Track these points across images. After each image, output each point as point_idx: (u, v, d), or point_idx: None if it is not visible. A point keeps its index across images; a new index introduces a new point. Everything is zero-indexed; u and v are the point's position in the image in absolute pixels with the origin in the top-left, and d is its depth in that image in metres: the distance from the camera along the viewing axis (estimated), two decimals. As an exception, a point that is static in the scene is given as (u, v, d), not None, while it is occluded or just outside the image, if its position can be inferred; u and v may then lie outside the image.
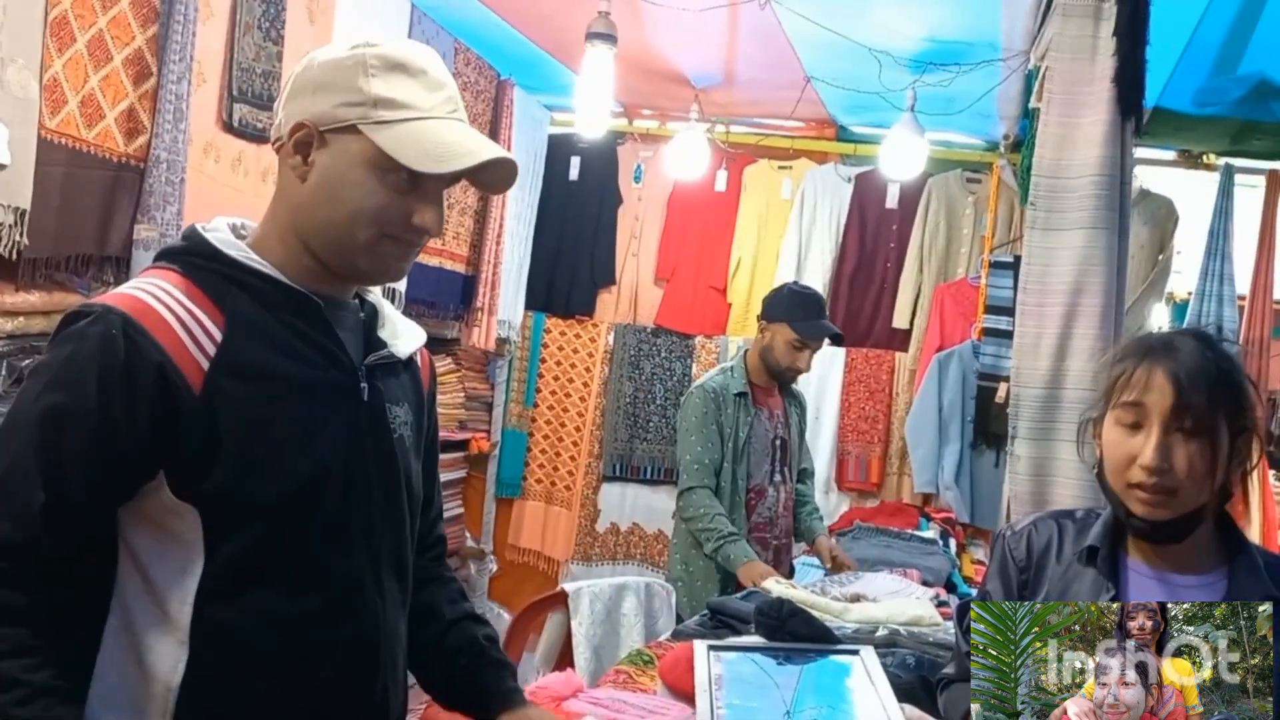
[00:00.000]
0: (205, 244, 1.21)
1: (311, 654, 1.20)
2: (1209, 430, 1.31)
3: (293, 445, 1.18)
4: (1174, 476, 1.31)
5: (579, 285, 5.40)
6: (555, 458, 5.42)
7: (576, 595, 2.86)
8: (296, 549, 1.18)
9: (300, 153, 1.20)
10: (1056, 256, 2.20)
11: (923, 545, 3.65)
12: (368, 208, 1.18)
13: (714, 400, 3.26)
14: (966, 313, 4.70)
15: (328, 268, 1.23)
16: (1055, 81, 2.27)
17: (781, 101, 4.63)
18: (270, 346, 1.18)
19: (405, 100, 1.18)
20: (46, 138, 2.39)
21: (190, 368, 1.12)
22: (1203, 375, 1.31)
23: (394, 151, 1.17)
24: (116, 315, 1.11)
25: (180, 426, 1.11)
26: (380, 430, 1.27)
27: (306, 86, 1.20)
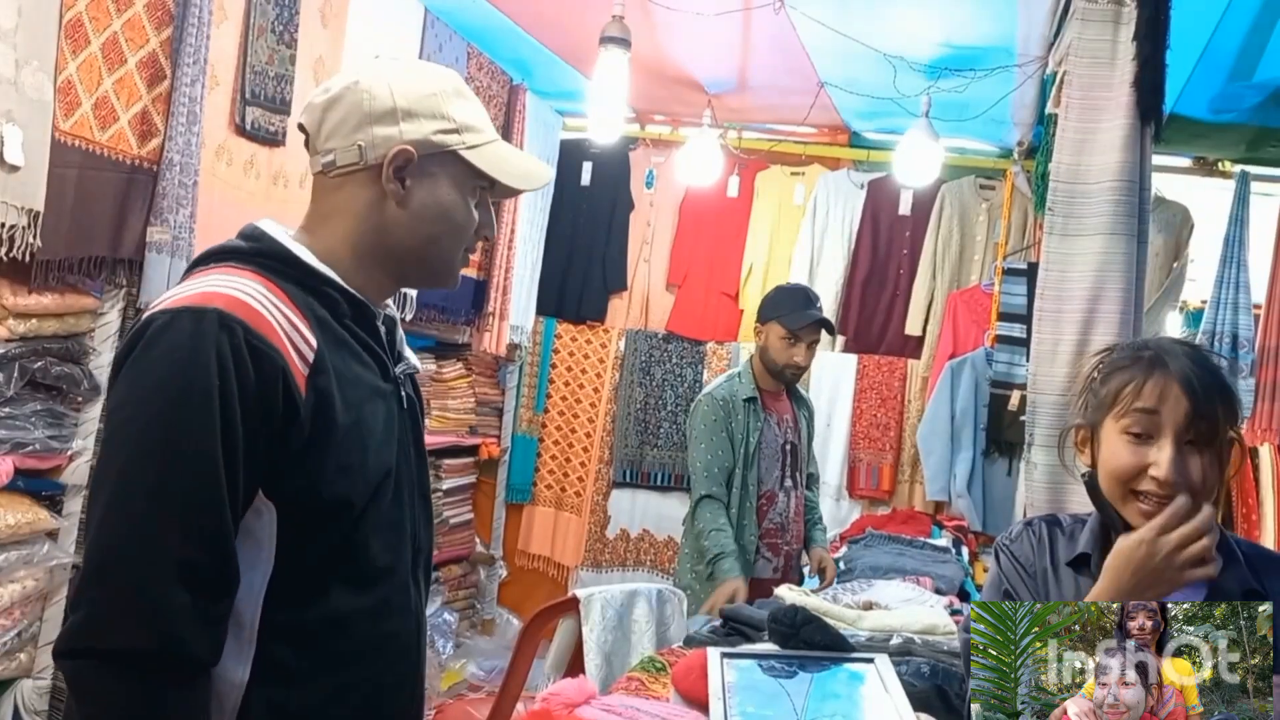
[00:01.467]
0: (281, 248, 1.24)
1: (369, 649, 1.23)
2: (1216, 441, 1.31)
3: (373, 447, 1.23)
4: (1184, 488, 1.30)
5: (590, 291, 5.39)
6: (565, 464, 5.41)
7: (588, 601, 2.84)
8: (361, 547, 1.22)
9: (399, 178, 1.25)
10: (1074, 262, 2.18)
11: (936, 553, 3.63)
12: (465, 225, 1.31)
13: (723, 407, 3.25)
14: (979, 320, 4.68)
15: (401, 279, 1.33)
16: (1074, 86, 2.25)
17: (795, 107, 4.62)
18: (345, 352, 1.23)
19: (479, 125, 1.30)
20: (60, 140, 2.40)
21: (298, 373, 1.15)
22: (1214, 388, 1.32)
23: (494, 172, 1.29)
24: (238, 324, 1.10)
25: (291, 431, 1.14)
26: (417, 434, 1.36)
27: (389, 114, 1.25)
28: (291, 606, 1.17)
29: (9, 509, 2.41)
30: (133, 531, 1.05)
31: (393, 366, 1.31)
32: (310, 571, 1.18)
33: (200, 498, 1.06)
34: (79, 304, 2.60)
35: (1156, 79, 2.18)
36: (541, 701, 1.82)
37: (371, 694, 1.24)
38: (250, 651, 1.15)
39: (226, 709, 1.15)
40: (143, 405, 1.09)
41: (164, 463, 1.06)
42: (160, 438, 1.07)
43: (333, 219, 1.28)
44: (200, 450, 1.06)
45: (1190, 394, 1.31)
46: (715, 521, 3.17)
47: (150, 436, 1.07)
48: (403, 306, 4.06)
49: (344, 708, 1.22)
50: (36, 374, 2.50)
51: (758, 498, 3.27)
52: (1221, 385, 1.34)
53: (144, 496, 1.06)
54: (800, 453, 3.43)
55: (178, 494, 1.06)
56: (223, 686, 1.15)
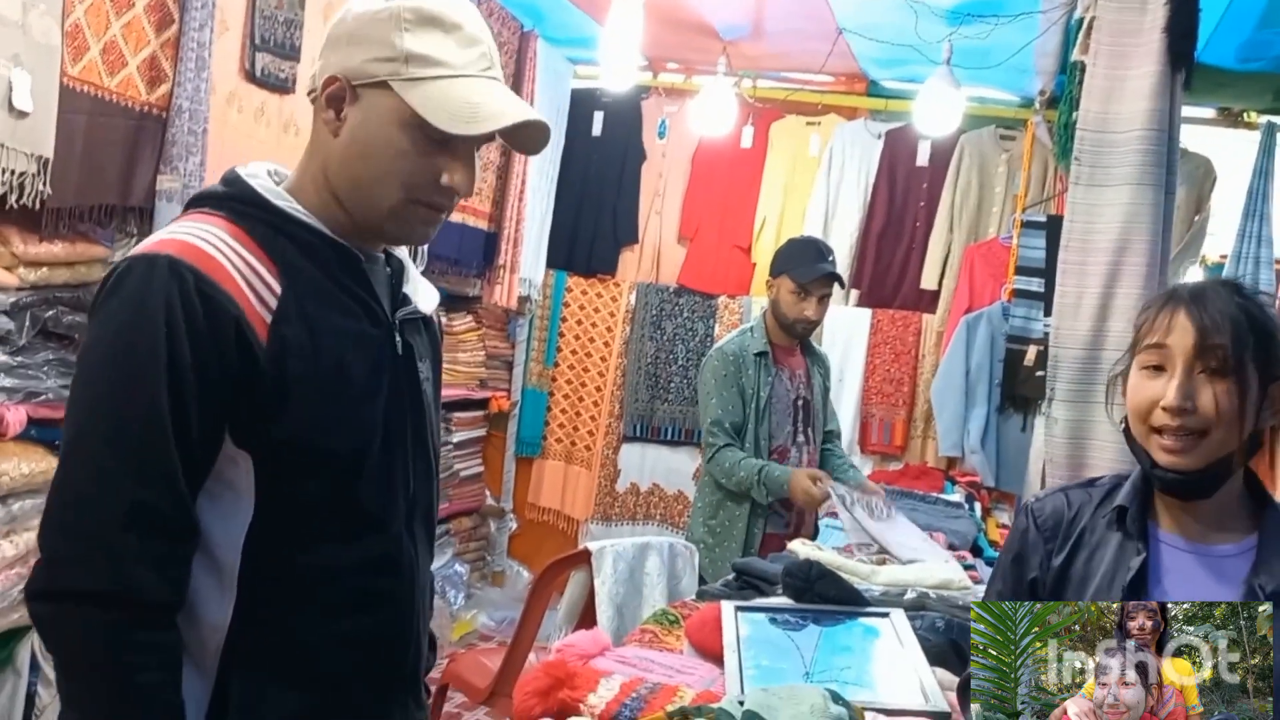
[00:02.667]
0: (251, 192, 1.19)
1: (356, 602, 1.21)
2: (1236, 371, 1.27)
3: (353, 396, 1.19)
4: (1199, 418, 1.27)
5: (601, 243, 5.35)
6: (575, 417, 5.41)
7: (600, 554, 2.85)
8: (344, 498, 1.19)
9: (333, 107, 1.19)
10: (1100, 213, 2.14)
11: (948, 508, 3.62)
12: (397, 169, 1.18)
13: (733, 362, 3.23)
14: (997, 274, 4.63)
15: (361, 225, 1.23)
16: (1102, 32, 2.20)
17: (811, 54, 4.53)
18: (320, 299, 1.18)
19: (438, 57, 1.17)
20: (69, 85, 2.36)
21: (256, 320, 1.12)
22: (1226, 316, 1.29)
23: (422, 110, 1.15)
24: (188, 270, 1.09)
25: (252, 378, 1.11)
26: (413, 383, 1.29)
27: (341, 39, 1.19)
28: (277, 554, 1.16)
29: (23, 458, 2.41)
30: (87, 477, 1.07)
31: (386, 312, 1.25)
32: (294, 521, 1.17)
33: (150, 443, 1.07)
34: (89, 253, 2.58)
35: (1189, 24, 2.13)
36: (556, 652, 1.82)
37: (361, 646, 1.23)
38: (231, 596, 1.15)
39: (209, 649, 1.15)
40: (98, 354, 1.11)
41: (115, 410, 1.08)
42: (111, 386, 1.08)
43: (306, 156, 1.25)
44: (149, 397, 1.07)
45: (1196, 322, 1.28)
46: (737, 456, 3.16)
47: (103, 385, 1.09)
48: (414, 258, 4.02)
49: (331, 658, 1.20)
50: (48, 323, 2.49)
51: (769, 453, 3.26)
52: (1246, 318, 1.29)
53: (98, 442, 1.07)
54: (813, 408, 3.40)
55: (129, 440, 1.07)
56: (204, 629, 1.15)
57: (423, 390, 1.31)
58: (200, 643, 1.15)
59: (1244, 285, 1.35)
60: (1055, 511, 1.42)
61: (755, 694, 1.49)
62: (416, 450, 1.29)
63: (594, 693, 1.61)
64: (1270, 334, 1.31)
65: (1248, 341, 1.28)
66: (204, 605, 1.14)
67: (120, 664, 1.06)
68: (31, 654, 2.57)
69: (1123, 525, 1.35)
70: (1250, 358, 1.27)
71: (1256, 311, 1.31)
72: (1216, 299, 1.30)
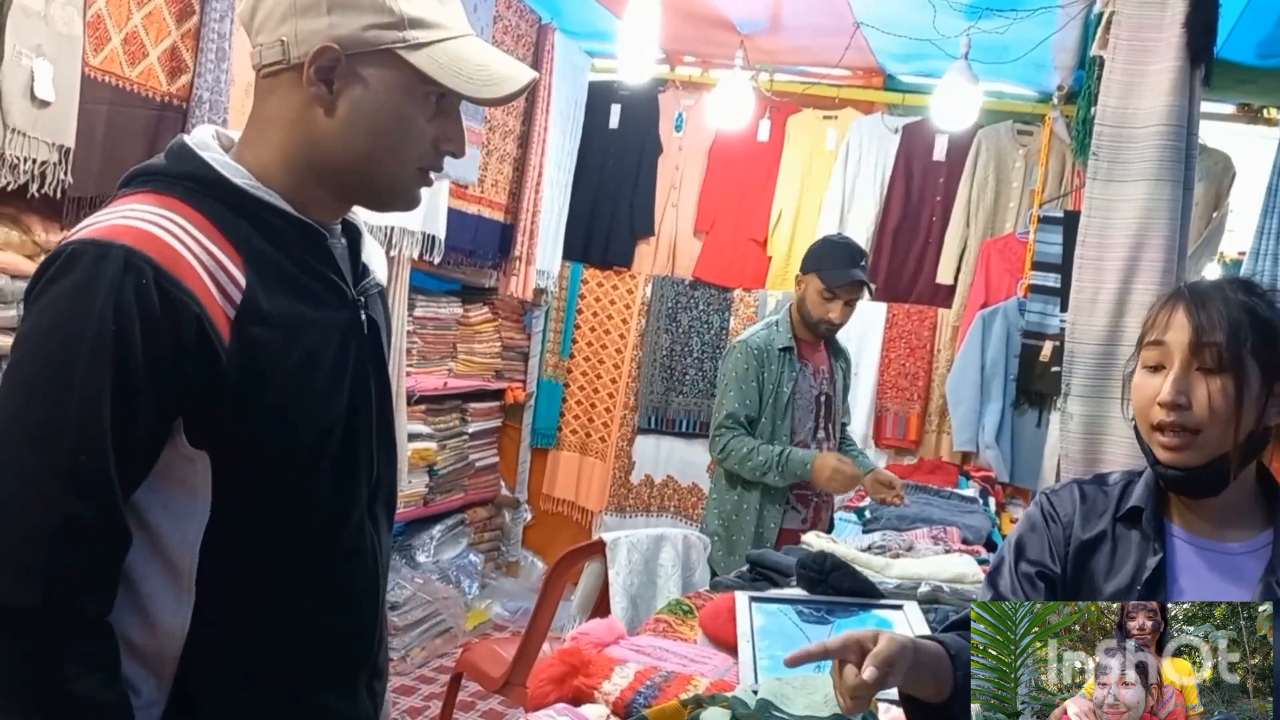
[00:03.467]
0: (206, 168, 1.09)
1: (320, 597, 1.16)
2: (1233, 368, 1.26)
3: (319, 391, 1.12)
4: (1194, 415, 1.27)
5: (617, 236, 5.36)
6: (590, 409, 5.42)
7: (614, 545, 2.86)
8: (305, 493, 1.13)
9: (324, 79, 1.08)
10: (1118, 209, 2.13)
11: (963, 503, 3.62)
12: (408, 139, 1.12)
13: (756, 357, 3.22)
14: (1013, 269, 4.62)
15: (345, 198, 1.17)
16: (1122, 26, 2.19)
17: (829, 49, 4.52)
18: (287, 288, 1.10)
19: (433, 19, 1.10)
20: (90, 75, 2.38)
21: (219, 317, 1.03)
22: (1224, 314, 1.28)
23: (438, 76, 1.09)
24: (146, 263, 0.99)
25: (212, 378, 1.03)
26: (379, 365, 1.22)
27: (316, 4, 1.07)
28: (235, 555, 1.10)
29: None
30: (14, 482, 0.98)
31: (352, 289, 1.18)
32: (254, 520, 1.10)
33: (84, 447, 0.98)
34: (110, 242, 2.60)
35: (1209, 19, 2.12)
36: (571, 640, 1.83)
37: (325, 641, 1.18)
38: (189, 600, 1.09)
39: (168, 658, 1.09)
40: (35, 345, 1.01)
41: (49, 409, 0.98)
42: (47, 382, 0.99)
43: (267, 129, 1.12)
44: (87, 398, 0.98)
45: (1193, 320, 1.28)
46: (750, 441, 3.14)
47: (38, 380, 1.00)
48: (430, 249, 4.05)
49: (295, 655, 1.16)
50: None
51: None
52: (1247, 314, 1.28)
53: (27, 443, 0.99)
54: (835, 404, 3.39)
55: (61, 443, 0.98)
56: (162, 638, 1.09)
57: (386, 369, 1.25)
58: (158, 650, 1.09)
59: (1256, 283, 1.34)
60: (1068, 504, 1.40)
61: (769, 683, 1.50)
62: (381, 431, 1.23)
63: (609, 680, 1.62)
64: (1276, 331, 1.29)
65: (1245, 339, 1.27)
66: (161, 612, 1.08)
67: (53, 678, 0.98)
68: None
69: (1138, 525, 1.35)
70: (1250, 355, 1.26)
71: (1263, 309, 1.30)
72: (1217, 296, 1.30)
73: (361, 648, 1.23)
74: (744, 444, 3.15)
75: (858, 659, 1.12)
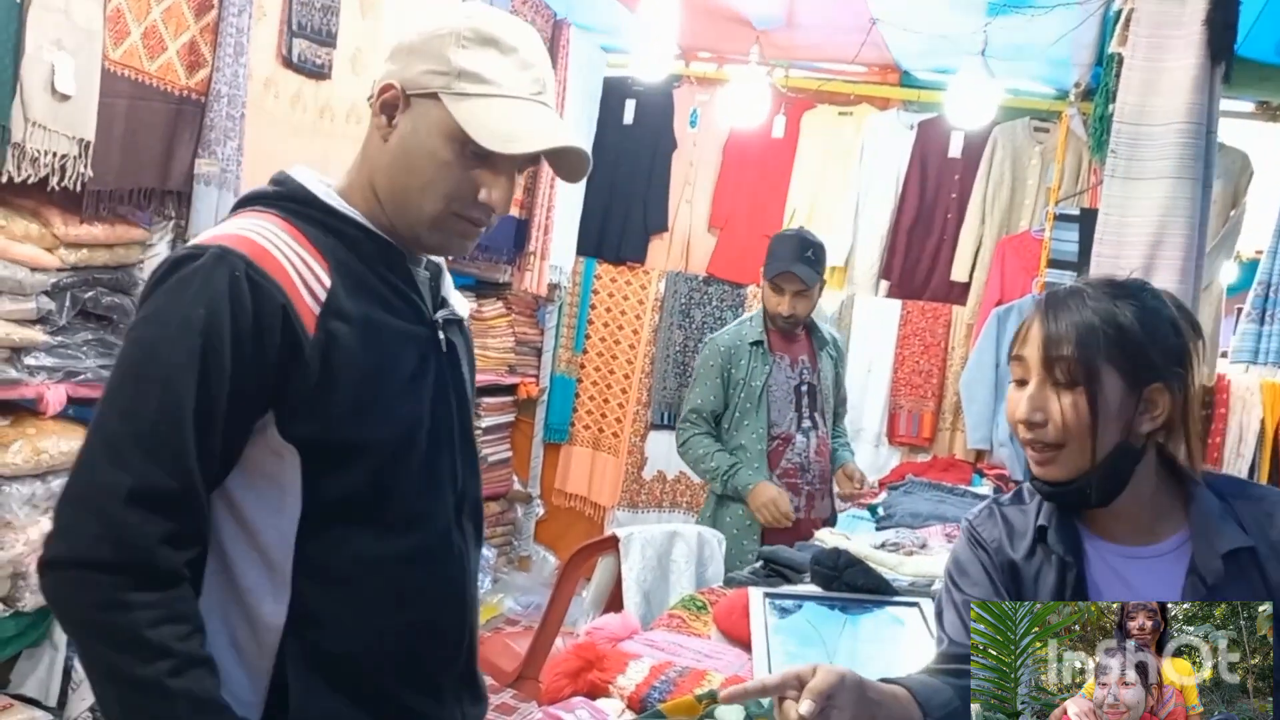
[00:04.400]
0: (302, 190, 1.22)
1: (409, 594, 1.22)
2: (1088, 381, 1.22)
3: (397, 390, 1.20)
4: (1051, 430, 1.24)
5: (631, 232, 5.36)
6: (603, 404, 5.43)
7: (628, 541, 2.86)
8: (392, 492, 1.20)
9: (385, 113, 1.22)
10: (1136, 206, 2.12)
11: (976, 501, 3.60)
12: (439, 179, 1.21)
13: (723, 353, 3.27)
14: (1028, 267, 4.60)
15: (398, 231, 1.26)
16: (1141, 24, 2.18)
17: (844, 45, 4.51)
18: (367, 295, 1.20)
19: (489, 76, 1.20)
20: (110, 69, 2.40)
21: (305, 311, 1.13)
22: (1075, 324, 1.23)
23: (465, 124, 1.18)
24: (238, 258, 1.11)
25: (298, 368, 1.13)
26: (457, 380, 1.31)
27: (403, 50, 1.23)
28: (323, 550, 1.17)
29: (62, 436, 2.45)
30: (101, 450, 1.08)
31: (430, 311, 1.28)
32: (338, 515, 1.17)
33: (166, 418, 1.07)
34: (128, 235, 2.62)
35: (1229, 16, 2.11)
36: (586, 635, 1.84)
37: (412, 641, 1.23)
38: (286, 594, 1.16)
39: (265, 650, 1.16)
40: (133, 337, 1.12)
41: (137, 386, 1.09)
42: (138, 363, 1.10)
43: (359, 158, 1.28)
44: (171, 375, 1.08)
45: (1043, 333, 1.25)
46: (710, 445, 3.23)
47: (132, 363, 1.11)
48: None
49: (382, 653, 1.21)
50: (87, 304, 2.53)
51: (770, 440, 3.26)
52: (1104, 323, 1.23)
53: (116, 417, 1.08)
54: (820, 393, 3.38)
55: (144, 415, 1.07)
56: (260, 629, 1.16)
57: (466, 390, 1.34)
58: (257, 643, 1.16)
59: (1129, 283, 1.29)
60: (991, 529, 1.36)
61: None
62: (464, 445, 1.31)
63: (623, 675, 1.63)
64: (1138, 338, 1.23)
65: (1098, 349, 1.22)
66: (260, 605, 1.16)
67: (129, 623, 1.05)
68: (69, 628, 2.62)
69: (1045, 541, 1.31)
70: (1106, 364, 1.22)
71: (1125, 314, 1.24)
72: (1074, 305, 1.25)
73: (447, 652, 1.28)
74: (703, 445, 3.23)
75: (797, 693, 1.09)
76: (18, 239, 2.30)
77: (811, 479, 3.31)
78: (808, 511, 3.27)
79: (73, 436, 2.49)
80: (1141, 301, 1.26)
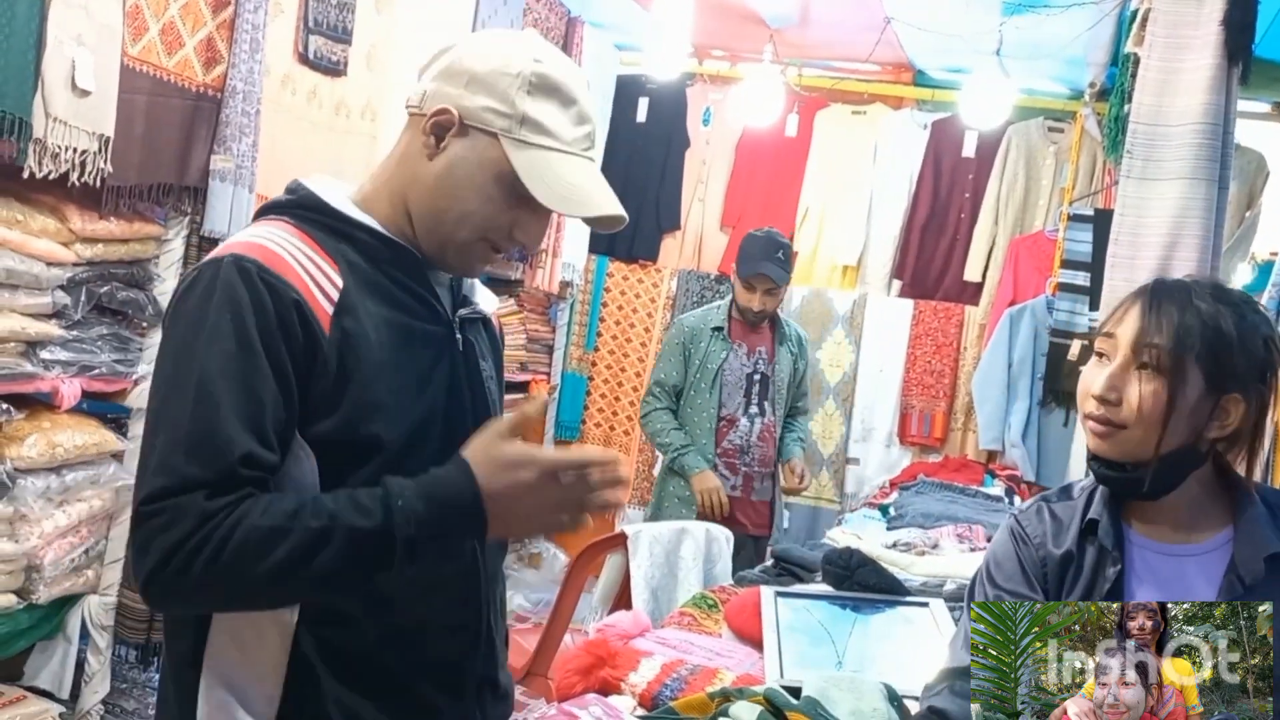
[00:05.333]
0: (312, 197, 1.24)
1: (420, 593, 1.22)
2: (1172, 374, 1.24)
3: (408, 389, 1.21)
4: (1122, 411, 1.25)
5: (643, 230, 5.35)
6: (614, 402, 5.43)
7: (636, 538, 2.87)
8: None
9: (435, 134, 1.22)
10: (1151, 207, 2.12)
11: (988, 501, 3.60)
12: (480, 213, 1.22)
13: (688, 333, 3.62)
14: (1042, 267, 4.59)
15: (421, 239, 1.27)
16: (1158, 24, 2.17)
17: (858, 43, 4.50)
18: (379, 296, 1.21)
19: (550, 127, 1.22)
20: (128, 65, 2.41)
21: (319, 310, 1.15)
22: (1176, 319, 1.25)
23: (524, 176, 1.20)
24: (251, 263, 1.13)
25: (316, 366, 1.14)
26: (474, 379, 1.31)
27: (462, 75, 1.22)
28: None
29: (76, 430, 2.47)
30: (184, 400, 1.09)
31: (447, 310, 1.29)
32: None
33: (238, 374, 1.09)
34: (145, 230, 2.63)
35: (1247, 16, 2.10)
36: (597, 632, 1.84)
37: (426, 638, 1.23)
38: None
39: (280, 647, 1.17)
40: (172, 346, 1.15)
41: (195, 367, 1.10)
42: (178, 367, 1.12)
43: (390, 160, 1.29)
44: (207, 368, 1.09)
45: (1142, 318, 1.26)
46: (670, 423, 3.59)
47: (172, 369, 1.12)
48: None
49: (395, 650, 1.21)
50: (103, 298, 2.54)
51: (718, 419, 3.58)
52: (1203, 325, 1.24)
53: (192, 385, 1.09)
54: (774, 383, 3.65)
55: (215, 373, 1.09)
56: (272, 627, 1.16)
57: (486, 387, 1.34)
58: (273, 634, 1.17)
59: (1237, 293, 1.31)
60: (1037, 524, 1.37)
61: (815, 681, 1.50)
62: None
63: (635, 672, 1.63)
64: (1230, 344, 1.25)
65: (1192, 346, 1.24)
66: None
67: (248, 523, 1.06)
68: (82, 621, 2.64)
69: (1094, 535, 1.32)
70: (1194, 363, 1.24)
71: (1226, 320, 1.25)
72: (1179, 299, 1.27)
73: (465, 647, 1.28)
74: (660, 420, 3.61)
75: None
76: (35, 234, 2.32)
77: (751, 461, 3.64)
78: (745, 492, 3.60)
79: (87, 430, 2.50)
80: (1243, 313, 1.28)
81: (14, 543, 2.32)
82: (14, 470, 2.29)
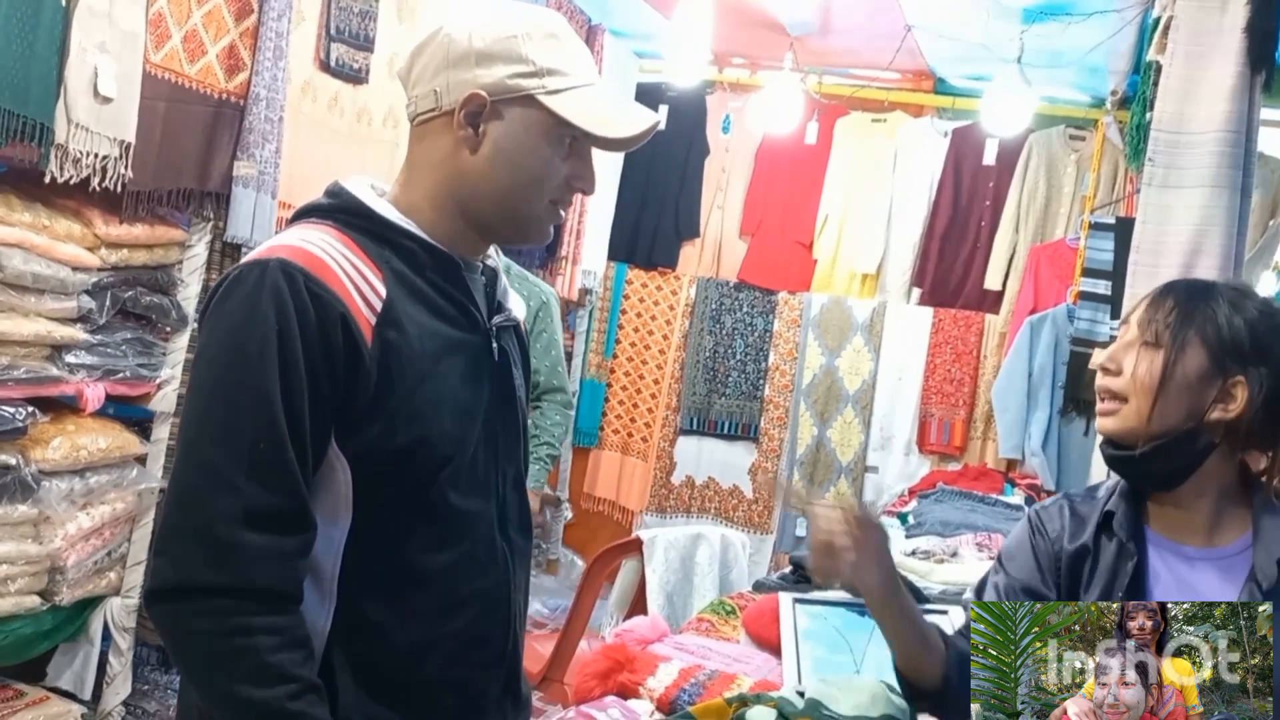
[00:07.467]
0: (357, 202, 1.23)
1: (452, 603, 1.22)
2: (1172, 348, 1.25)
3: (448, 401, 1.21)
4: (1120, 380, 1.27)
5: (662, 237, 5.36)
6: (633, 409, 5.43)
7: (651, 543, 2.87)
8: (440, 502, 1.20)
9: (471, 123, 1.21)
10: (1173, 216, 2.11)
11: (1008, 510, 3.59)
12: (544, 175, 1.23)
13: None
14: (1062, 275, 4.56)
15: (485, 232, 1.28)
16: (1180, 31, 2.16)
17: (879, 51, 4.50)
18: (422, 305, 1.21)
19: (566, 69, 1.22)
20: (150, 72, 2.43)
21: (363, 321, 1.14)
22: (1183, 299, 1.27)
23: (573, 118, 1.20)
24: (297, 270, 1.12)
25: (358, 379, 1.14)
26: (508, 389, 1.32)
27: (467, 57, 1.21)
28: (371, 560, 1.17)
29: (100, 434, 2.49)
30: (201, 474, 1.09)
31: (485, 319, 1.28)
32: (387, 525, 1.18)
33: (264, 437, 1.09)
34: (168, 236, 2.66)
35: (1269, 24, 2.09)
36: (615, 637, 1.84)
37: (457, 650, 1.23)
38: (331, 604, 1.17)
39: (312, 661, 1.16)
40: (209, 357, 1.14)
41: (228, 407, 1.10)
42: (224, 384, 1.11)
43: (417, 170, 1.26)
44: (261, 393, 1.09)
45: (1159, 294, 1.29)
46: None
47: (216, 384, 1.12)
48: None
49: (428, 663, 1.21)
50: (127, 303, 2.56)
51: None
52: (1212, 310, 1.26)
53: (210, 442, 1.10)
54: None
55: (242, 435, 1.09)
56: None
57: (517, 396, 1.34)
58: None
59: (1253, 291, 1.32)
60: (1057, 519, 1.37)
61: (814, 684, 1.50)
62: (507, 454, 1.31)
63: (653, 677, 1.63)
64: (1238, 326, 1.26)
65: (1195, 321, 1.25)
66: (306, 611, 1.16)
67: (250, 648, 1.07)
68: (104, 623, 2.66)
69: (1110, 529, 1.32)
70: (1196, 338, 1.25)
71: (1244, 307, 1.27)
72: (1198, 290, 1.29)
73: (490, 661, 1.28)
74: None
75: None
76: (60, 239, 2.34)
77: None
78: None
79: (110, 434, 2.53)
80: (1264, 305, 1.29)
81: (38, 544, 2.35)
82: (38, 472, 2.31)
